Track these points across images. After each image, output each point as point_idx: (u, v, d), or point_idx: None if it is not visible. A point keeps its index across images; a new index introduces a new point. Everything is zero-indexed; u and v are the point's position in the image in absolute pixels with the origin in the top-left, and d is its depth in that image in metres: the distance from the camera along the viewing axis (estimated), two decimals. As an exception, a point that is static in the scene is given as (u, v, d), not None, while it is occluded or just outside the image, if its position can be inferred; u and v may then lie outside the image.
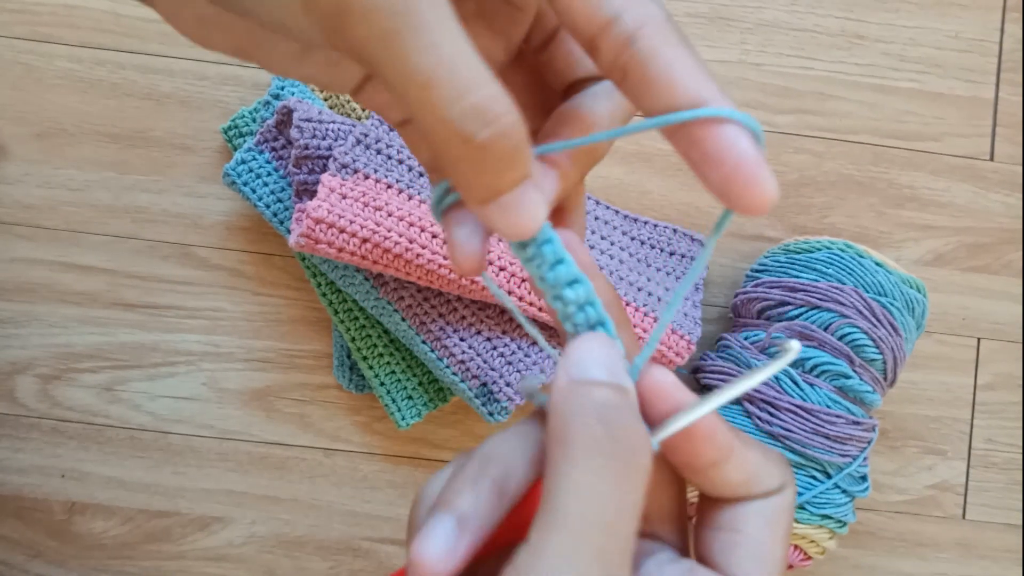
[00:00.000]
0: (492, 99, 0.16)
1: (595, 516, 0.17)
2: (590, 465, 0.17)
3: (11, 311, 0.51)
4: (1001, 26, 0.56)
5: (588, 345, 0.19)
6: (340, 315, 0.49)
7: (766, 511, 0.20)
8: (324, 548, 0.51)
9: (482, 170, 0.17)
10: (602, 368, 0.19)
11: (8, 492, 0.50)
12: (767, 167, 0.18)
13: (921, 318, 0.48)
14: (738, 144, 0.18)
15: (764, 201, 0.18)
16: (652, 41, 0.18)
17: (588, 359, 0.19)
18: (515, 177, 0.18)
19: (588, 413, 0.18)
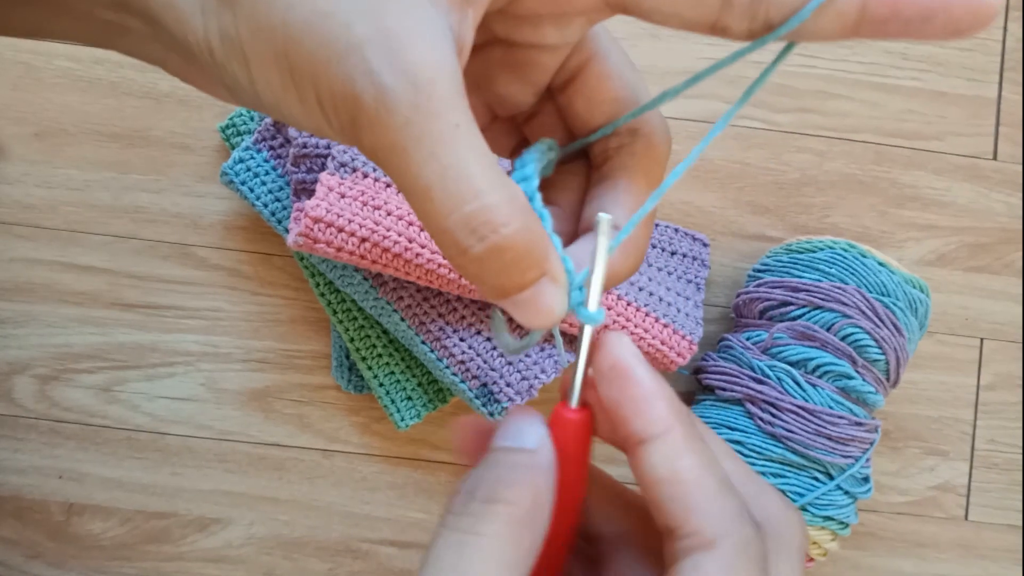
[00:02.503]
0: (491, 208, 0.16)
1: None
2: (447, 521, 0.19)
3: (10, 311, 0.51)
4: (1004, 25, 0.56)
5: (506, 419, 0.20)
6: (339, 315, 0.49)
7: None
8: (323, 549, 0.51)
9: (486, 276, 0.18)
10: (503, 437, 0.20)
11: (6, 493, 0.50)
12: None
13: (924, 318, 0.48)
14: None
15: (995, 10, 0.17)
16: None
17: (500, 431, 0.20)
18: (523, 281, 0.18)
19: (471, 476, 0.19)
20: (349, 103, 0.16)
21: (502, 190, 0.17)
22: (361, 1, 0.16)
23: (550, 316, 0.18)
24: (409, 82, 0.16)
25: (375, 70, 0.16)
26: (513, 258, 0.17)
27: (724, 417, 0.46)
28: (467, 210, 0.16)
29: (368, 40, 0.16)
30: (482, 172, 0.17)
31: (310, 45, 0.16)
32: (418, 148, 0.16)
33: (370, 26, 0.16)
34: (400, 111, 0.16)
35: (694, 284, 0.52)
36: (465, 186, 0.16)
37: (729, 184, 0.54)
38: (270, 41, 0.17)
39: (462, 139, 0.16)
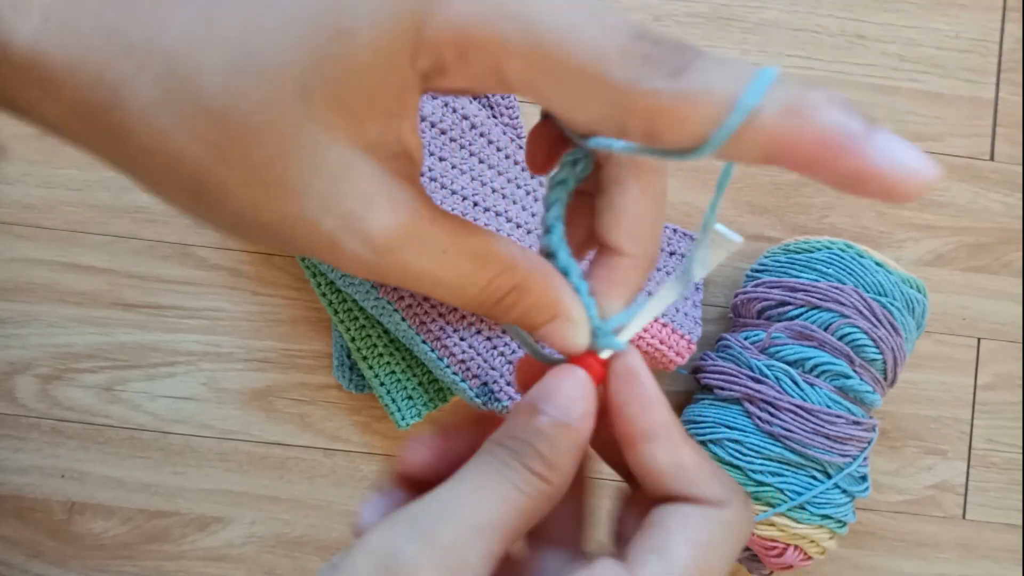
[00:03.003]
0: (493, 290, 0.20)
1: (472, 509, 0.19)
2: (492, 462, 0.20)
3: (11, 311, 0.51)
4: (1001, 26, 0.56)
5: (559, 380, 0.21)
6: (340, 315, 0.49)
7: (693, 517, 0.21)
8: (324, 548, 0.51)
9: (509, 321, 0.21)
10: (556, 407, 0.21)
11: (8, 492, 0.50)
12: (909, 149, 0.16)
13: (921, 318, 0.48)
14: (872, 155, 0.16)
15: (932, 182, 0.16)
16: None
17: (552, 393, 0.21)
18: (539, 321, 0.21)
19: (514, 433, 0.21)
20: (349, 270, 0.19)
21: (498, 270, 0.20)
22: (316, 194, 0.18)
23: (567, 350, 0.22)
24: (387, 250, 0.18)
25: (353, 253, 0.18)
26: (522, 312, 0.21)
27: (723, 416, 0.47)
28: (478, 299, 0.20)
29: (337, 231, 0.18)
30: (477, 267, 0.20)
31: (289, 238, 0.18)
32: (419, 283, 0.19)
33: (334, 218, 0.18)
34: (392, 272, 0.19)
35: (693, 284, 0.52)
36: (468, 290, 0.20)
37: (728, 184, 0.54)
38: (259, 233, 0.19)
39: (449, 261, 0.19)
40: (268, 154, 0.17)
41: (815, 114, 0.16)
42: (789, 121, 0.16)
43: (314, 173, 0.17)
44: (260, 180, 0.17)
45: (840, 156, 0.16)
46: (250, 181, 0.17)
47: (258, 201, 0.18)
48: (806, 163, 0.16)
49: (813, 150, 0.16)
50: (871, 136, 0.16)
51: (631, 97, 0.16)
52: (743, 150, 0.16)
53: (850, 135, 0.16)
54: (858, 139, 0.16)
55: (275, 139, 0.17)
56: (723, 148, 0.16)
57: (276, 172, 0.17)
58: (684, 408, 0.51)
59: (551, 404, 0.21)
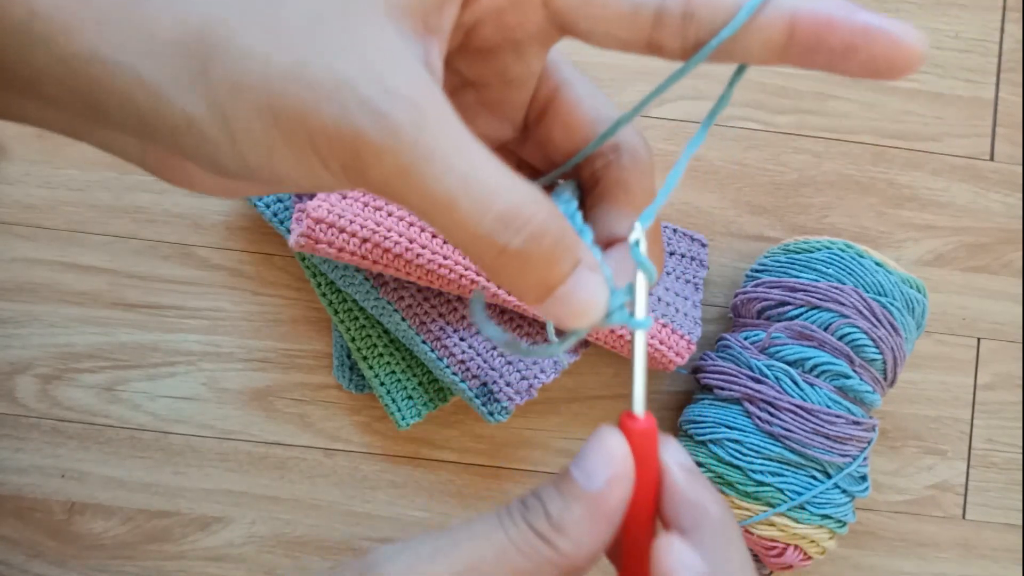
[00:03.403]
0: (518, 204, 0.17)
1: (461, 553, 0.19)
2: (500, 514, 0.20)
3: (11, 311, 0.51)
4: (1001, 26, 0.56)
5: (590, 442, 0.20)
6: (340, 315, 0.49)
7: None
8: (324, 548, 0.51)
9: (528, 273, 0.18)
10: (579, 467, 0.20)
11: (8, 492, 0.50)
12: (897, 21, 0.18)
13: (921, 318, 0.48)
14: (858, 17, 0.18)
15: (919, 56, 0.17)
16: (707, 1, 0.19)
17: (582, 452, 0.20)
18: (564, 270, 0.18)
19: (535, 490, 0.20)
20: (348, 140, 0.16)
21: (522, 185, 0.17)
22: (336, 43, 0.16)
23: (594, 307, 0.18)
24: (405, 102, 0.16)
25: (370, 98, 0.16)
26: (551, 244, 0.17)
27: (722, 416, 0.47)
28: (499, 209, 0.17)
29: (354, 75, 0.16)
30: (499, 173, 0.17)
31: (295, 92, 0.16)
32: (432, 164, 0.16)
33: (351, 63, 0.16)
34: (405, 133, 0.16)
35: (692, 284, 0.52)
36: (489, 189, 0.16)
37: (728, 185, 0.54)
38: (251, 98, 0.16)
39: (471, 147, 0.17)
40: (297, 8, 0.16)
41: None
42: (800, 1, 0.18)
43: (344, 23, 0.16)
44: (279, 24, 0.16)
45: (838, 23, 0.17)
46: (267, 24, 0.16)
47: (269, 48, 0.16)
48: (815, 33, 0.18)
49: (821, 19, 0.17)
50: (865, 10, 0.18)
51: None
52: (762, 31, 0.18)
53: (846, 6, 0.18)
54: (854, 8, 0.18)
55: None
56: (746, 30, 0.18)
57: (300, 19, 0.16)
58: (684, 408, 0.51)
59: (576, 465, 0.20)
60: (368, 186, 0.17)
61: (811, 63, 0.18)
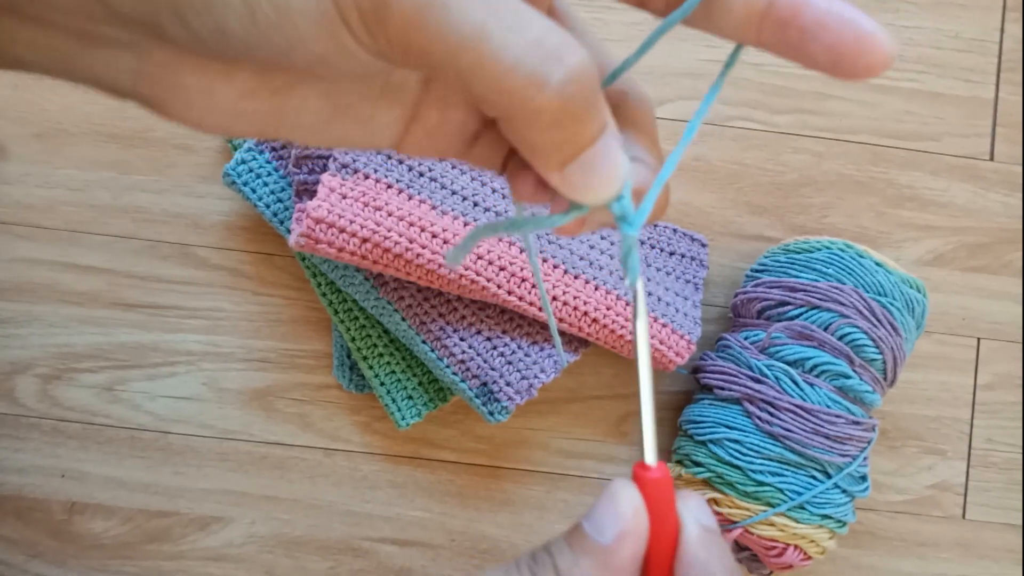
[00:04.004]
0: (556, 31, 0.15)
1: None
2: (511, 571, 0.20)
3: (11, 311, 0.51)
4: (1001, 26, 0.56)
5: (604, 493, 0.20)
6: (340, 315, 0.49)
7: None
8: (324, 548, 0.51)
9: (562, 122, 0.16)
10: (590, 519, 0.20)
11: (8, 492, 0.50)
12: (872, 20, 0.17)
13: (921, 318, 0.48)
14: (833, 5, 0.18)
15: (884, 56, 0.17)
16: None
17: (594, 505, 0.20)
18: (596, 127, 0.17)
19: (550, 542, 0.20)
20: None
21: (554, 24, 0.16)
22: None
23: (614, 181, 0.17)
24: None
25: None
26: (590, 90, 0.16)
27: (722, 416, 0.47)
28: (535, 34, 0.15)
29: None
30: (530, 8, 0.15)
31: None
32: (469, 9, 0.15)
33: None
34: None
35: (692, 284, 0.52)
36: (524, 15, 0.15)
37: (727, 185, 0.54)
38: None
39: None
40: None
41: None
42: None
43: None
44: None
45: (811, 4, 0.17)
46: None
47: None
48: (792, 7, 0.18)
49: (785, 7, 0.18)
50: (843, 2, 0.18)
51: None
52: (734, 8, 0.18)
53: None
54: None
55: None
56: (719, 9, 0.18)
57: None
58: (684, 408, 0.51)
59: (587, 518, 0.20)
60: (388, 40, 0.16)
61: (781, 41, 0.18)
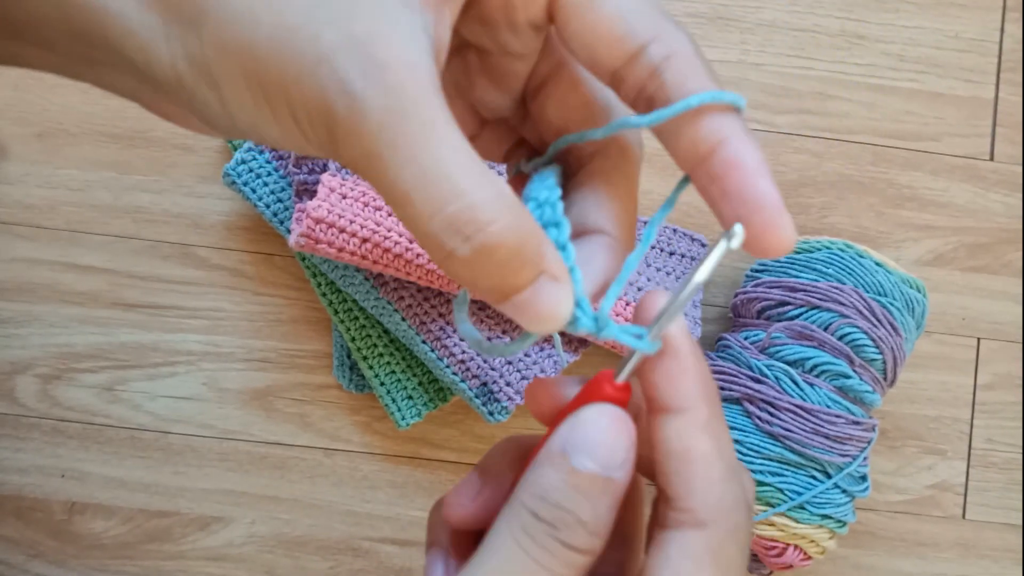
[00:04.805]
0: (476, 206, 0.16)
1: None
2: (521, 542, 0.18)
3: (11, 311, 0.51)
4: (1001, 26, 0.56)
5: (595, 424, 0.19)
6: (340, 315, 0.49)
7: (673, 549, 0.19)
8: (324, 548, 0.51)
9: (478, 279, 0.17)
10: (595, 457, 0.19)
11: (8, 492, 0.50)
12: (786, 213, 0.19)
13: (921, 318, 0.48)
14: (759, 184, 0.18)
15: (783, 242, 0.18)
16: (679, 72, 0.18)
17: (588, 440, 0.19)
18: (521, 281, 0.17)
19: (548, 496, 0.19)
20: (324, 116, 0.16)
21: (487, 187, 0.16)
22: (328, 10, 0.16)
23: (554, 318, 0.18)
24: (380, 84, 0.16)
25: (345, 78, 0.16)
26: (504, 256, 0.16)
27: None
28: (449, 211, 0.16)
29: (336, 48, 0.16)
30: (463, 170, 0.16)
31: (279, 62, 0.16)
32: (394, 153, 0.16)
33: (338, 34, 0.16)
34: (372, 116, 0.16)
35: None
36: (446, 187, 0.16)
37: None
38: (238, 61, 0.16)
39: (439, 138, 0.16)
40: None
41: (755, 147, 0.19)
42: (743, 134, 0.19)
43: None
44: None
45: (759, 179, 0.18)
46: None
47: (257, 10, 0.16)
48: (734, 168, 0.18)
49: (746, 162, 0.18)
50: (767, 181, 0.19)
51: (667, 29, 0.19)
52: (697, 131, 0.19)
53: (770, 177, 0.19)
54: (760, 175, 0.19)
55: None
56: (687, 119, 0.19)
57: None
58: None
59: (589, 455, 0.18)
60: (342, 162, 0.17)
61: (705, 189, 0.19)
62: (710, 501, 0.19)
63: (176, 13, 0.16)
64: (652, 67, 0.18)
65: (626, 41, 0.18)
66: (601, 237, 0.21)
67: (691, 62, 0.18)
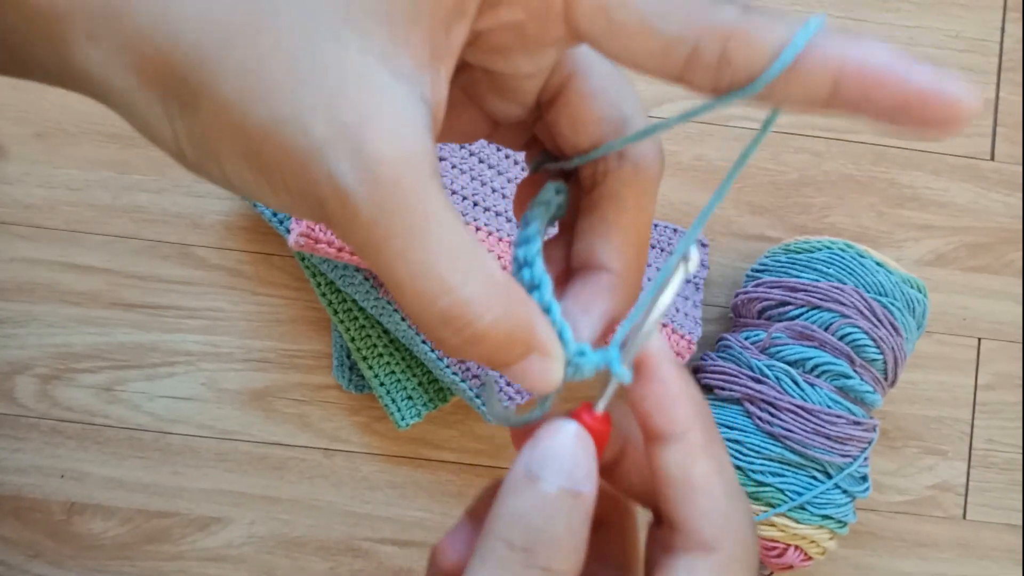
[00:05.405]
0: (462, 305, 0.16)
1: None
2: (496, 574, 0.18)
3: (10, 311, 0.51)
4: (1001, 26, 0.56)
5: (555, 441, 0.19)
6: (340, 315, 0.49)
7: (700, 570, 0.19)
8: (324, 548, 0.51)
9: (470, 357, 0.18)
10: (560, 472, 0.18)
11: (7, 492, 0.50)
12: (953, 80, 0.16)
13: (922, 318, 0.48)
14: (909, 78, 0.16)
15: (966, 118, 0.16)
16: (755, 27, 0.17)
17: (551, 457, 0.19)
18: (510, 358, 0.18)
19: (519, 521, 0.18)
20: (318, 204, 0.16)
21: (475, 281, 0.16)
22: (317, 92, 0.16)
23: (543, 388, 0.19)
24: (370, 181, 0.15)
25: (336, 173, 0.16)
26: (492, 346, 0.17)
27: (723, 416, 0.47)
28: (439, 307, 0.16)
29: (326, 142, 0.15)
30: (453, 266, 0.16)
31: (272, 150, 0.16)
32: (386, 247, 0.16)
33: (327, 125, 0.16)
34: (364, 212, 0.16)
35: (693, 284, 0.52)
36: (436, 284, 0.16)
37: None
38: (234, 144, 0.16)
39: (430, 234, 0.16)
40: (280, 41, 0.15)
41: (869, 45, 0.16)
42: (848, 49, 0.16)
43: (324, 74, 0.15)
44: (260, 69, 0.16)
45: (906, 74, 0.16)
46: (248, 70, 0.16)
47: (247, 97, 0.16)
48: (862, 90, 0.16)
49: (869, 75, 0.16)
50: (917, 64, 0.16)
51: (710, 20, 0.17)
52: (804, 80, 0.17)
53: (913, 60, 0.16)
54: (921, 64, 0.16)
55: (297, 27, 0.15)
56: (789, 75, 0.17)
57: (282, 64, 0.15)
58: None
59: (554, 471, 0.18)
60: (340, 240, 0.17)
61: (859, 115, 0.17)
62: (716, 524, 0.19)
63: (174, 93, 0.16)
64: (717, 55, 0.17)
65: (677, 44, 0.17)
66: (603, 277, 0.20)
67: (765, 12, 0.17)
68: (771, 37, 0.16)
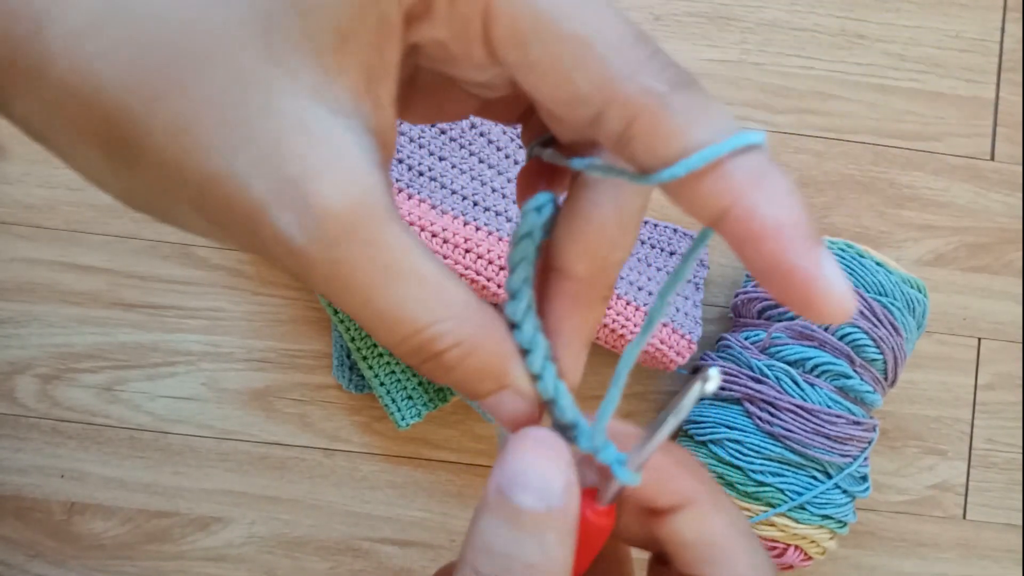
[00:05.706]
0: (431, 340, 0.16)
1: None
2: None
3: (11, 311, 0.51)
4: (1002, 26, 0.56)
5: (524, 454, 0.17)
6: (340, 315, 0.49)
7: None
8: (324, 548, 0.51)
9: (444, 383, 0.17)
10: (527, 487, 0.17)
11: (8, 492, 0.50)
12: (835, 274, 0.15)
13: (922, 318, 0.48)
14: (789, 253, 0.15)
15: (835, 315, 0.15)
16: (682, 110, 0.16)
17: (519, 471, 0.17)
18: (483, 390, 0.18)
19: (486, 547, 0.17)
20: (273, 259, 0.16)
21: (446, 310, 0.16)
22: (254, 150, 0.15)
23: (512, 426, 0.18)
24: (322, 239, 0.15)
25: (284, 233, 0.15)
26: (461, 377, 0.17)
27: (723, 416, 0.47)
28: (410, 344, 0.16)
29: (269, 200, 0.15)
30: (419, 305, 0.16)
31: (217, 208, 0.15)
32: (349, 296, 0.16)
33: (269, 181, 0.15)
34: (318, 269, 0.15)
35: (693, 284, 0.52)
36: (404, 326, 0.16)
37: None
38: (180, 200, 0.15)
39: (391, 280, 0.16)
40: (207, 94, 0.14)
41: (773, 192, 0.15)
42: (748, 189, 0.15)
43: (258, 124, 0.14)
44: (190, 126, 0.14)
45: (783, 246, 0.15)
46: (178, 127, 0.14)
47: (181, 154, 0.15)
48: (750, 237, 0.15)
49: (763, 226, 0.15)
50: (819, 245, 0.15)
51: (624, 86, 0.15)
52: (692, 194, 0.16)
53: (804, 232, 0.15)
54: (808, 240, 0.15)
55: (222, 77, 0.14)
56: (682, 184, 0.15)
57: (212, 118, 0.14)
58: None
59: (522, 487, 0.17)
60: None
61: (737, 249, 0.16)
62: (752, 568, 0.19)
63: (114, 148, 0.15)
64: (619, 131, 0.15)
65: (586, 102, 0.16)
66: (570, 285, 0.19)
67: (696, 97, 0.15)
68: (677, 136, 0.15)
